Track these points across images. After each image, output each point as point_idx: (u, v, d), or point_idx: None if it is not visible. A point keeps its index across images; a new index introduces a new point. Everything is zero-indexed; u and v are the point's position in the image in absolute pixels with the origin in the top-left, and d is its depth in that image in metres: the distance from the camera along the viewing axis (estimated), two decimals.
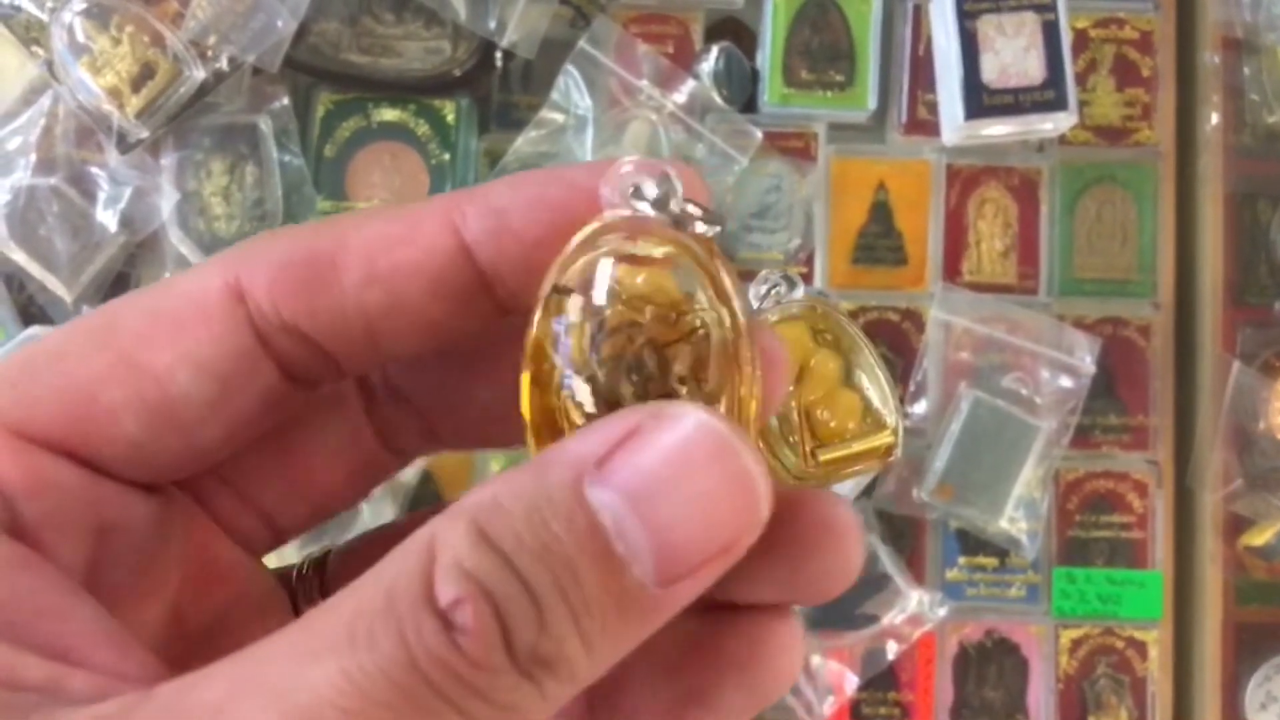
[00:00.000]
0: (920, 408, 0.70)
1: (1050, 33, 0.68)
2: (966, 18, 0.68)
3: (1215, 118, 0.71)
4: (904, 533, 0.70)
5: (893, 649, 0.69)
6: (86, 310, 0.69)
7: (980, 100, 0.68)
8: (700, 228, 0.21)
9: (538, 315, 0.21)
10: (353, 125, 0.71)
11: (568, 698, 0.18)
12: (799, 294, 0.34)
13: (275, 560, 0.26)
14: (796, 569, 0.21)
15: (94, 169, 0.68)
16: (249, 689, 0.17)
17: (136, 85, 0.66)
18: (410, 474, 0.67)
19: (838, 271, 0.72)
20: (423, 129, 0.71)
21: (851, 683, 0.68)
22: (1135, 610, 0.70)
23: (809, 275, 0.71)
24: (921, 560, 0.70)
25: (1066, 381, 0.69)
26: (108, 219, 0.68)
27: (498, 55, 0.71)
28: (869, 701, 0.69)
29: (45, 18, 0.67)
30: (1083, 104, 0.71)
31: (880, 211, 0.72)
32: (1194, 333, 0.72)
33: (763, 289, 0.34)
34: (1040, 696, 0.69)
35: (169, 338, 0.21)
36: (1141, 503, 0.70)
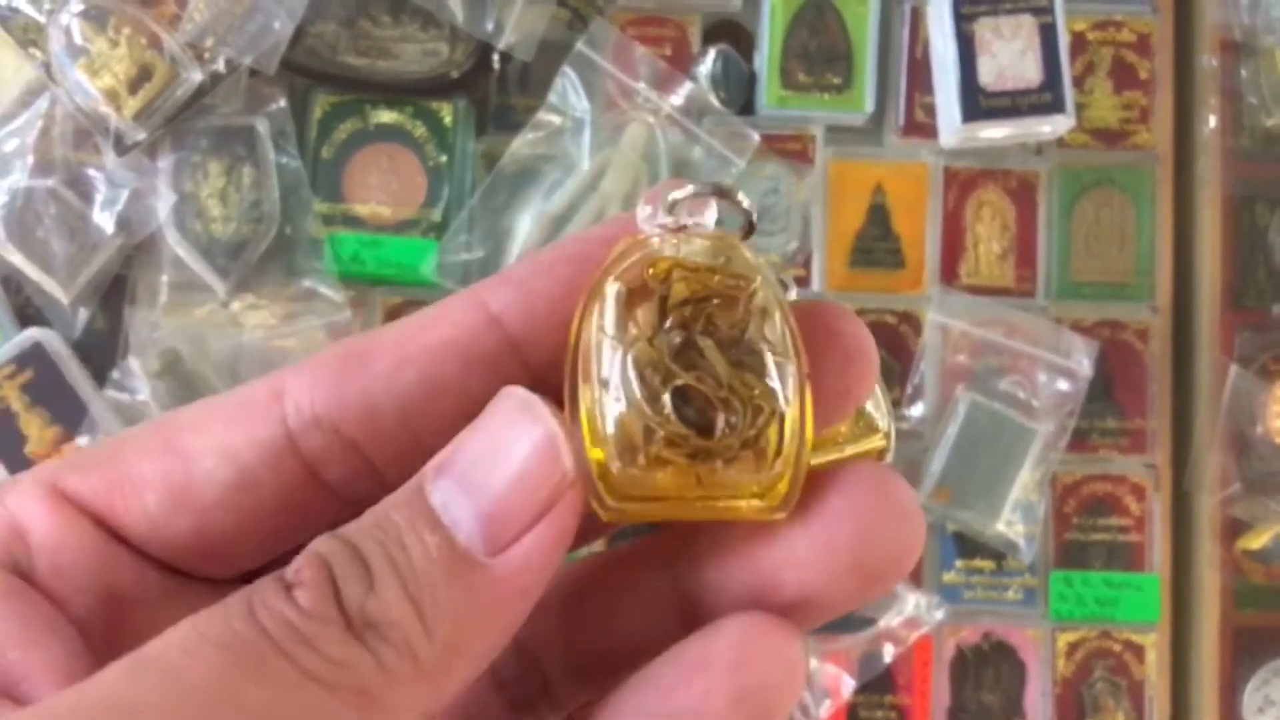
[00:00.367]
0: (918, 410, 0.70)
1: (1047, 35, 0.68)
2: (964, 20, 0.68)
3: (1213, 120, 0.71)
4: None
5: (890, 652, 0.69)
6: (83, 313, 0.69)
7: (977, 103, 0.68)
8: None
9: (580, 318, 0.21)
10: (350, 127, 0.71)
11: (416, 678, 0.19)
12: (792, 296, 0.34)
13: None
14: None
15: (91, 171, 0.68)
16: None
17: (134, 87, 0.66)
18: None
19: (835, 274, 0.71)
20: (420, 131, 0.71)
21: (848, 686, 0.68)
22: (1133, 613, 0.69)
23: (806, 278, 0.71)
24: (919, 563, 0.70)
25: (1064, 384, 0.69)
26: (105, 221, 0.68)
27: (495, 57, 0.71)
28: (866, 705, 0.69)
29: (43, 19, 0.67)
30: (1080, 107, 0.71)
31: (878, 214, 0.72)
32: (1192, 336, 0.71)
33: None
34: (1037, 700, 0.69)
35: (209, 426, 0.22)
36: (1139, 506, 0.70)
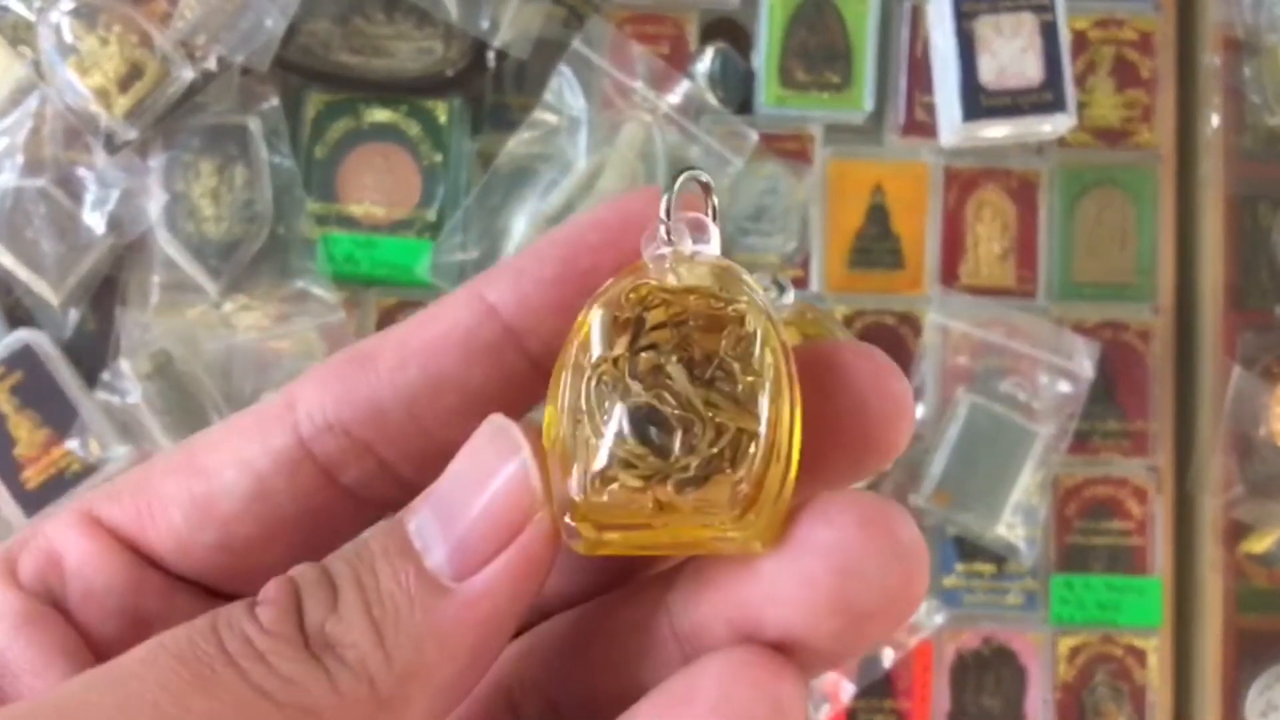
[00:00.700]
0: (917, 412, 0.69)
1: (1048, 34, 0.67)
2: (964, 18, 0.68)
3: (1216, 120, 0.71)
4: None
5: (889, 656, 0.68)
6: (73, 314, 0.68)
7: (978, 102, 0.67)
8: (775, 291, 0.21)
9: (568, 344, 0.20)
10: (344, 126, 0.70)
11: (372, 704, 0.18)
12: (789, 298, 0.33)
13: None
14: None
15: (81, 170, 0.68)
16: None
17: (124, 85, 0.66)
18: None
19: (834, 275, 0.71)
20: (415, 130, 0.70)
21: (848, 691, 0.68)
22: (1134, 617, 0.69)
23: (805, 278, 0.71)
24: None
25: (1065, 386, 0.69)
26: (95, 221, 0.67)
27: (490, 55, 0.70)
28: (865, 710, 0.69)
29: (33, 18, 0.66)
30: (1082, 106, 0.70)
31: (877, 214, 0.71)
32: (1194, 337, 0.71)
33: None
34: (1038, 705, 0.69)
35: (228, 441, 0.22)
36: (1141, 509, 0.70)
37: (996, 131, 0.68)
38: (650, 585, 0.22)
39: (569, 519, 0.20)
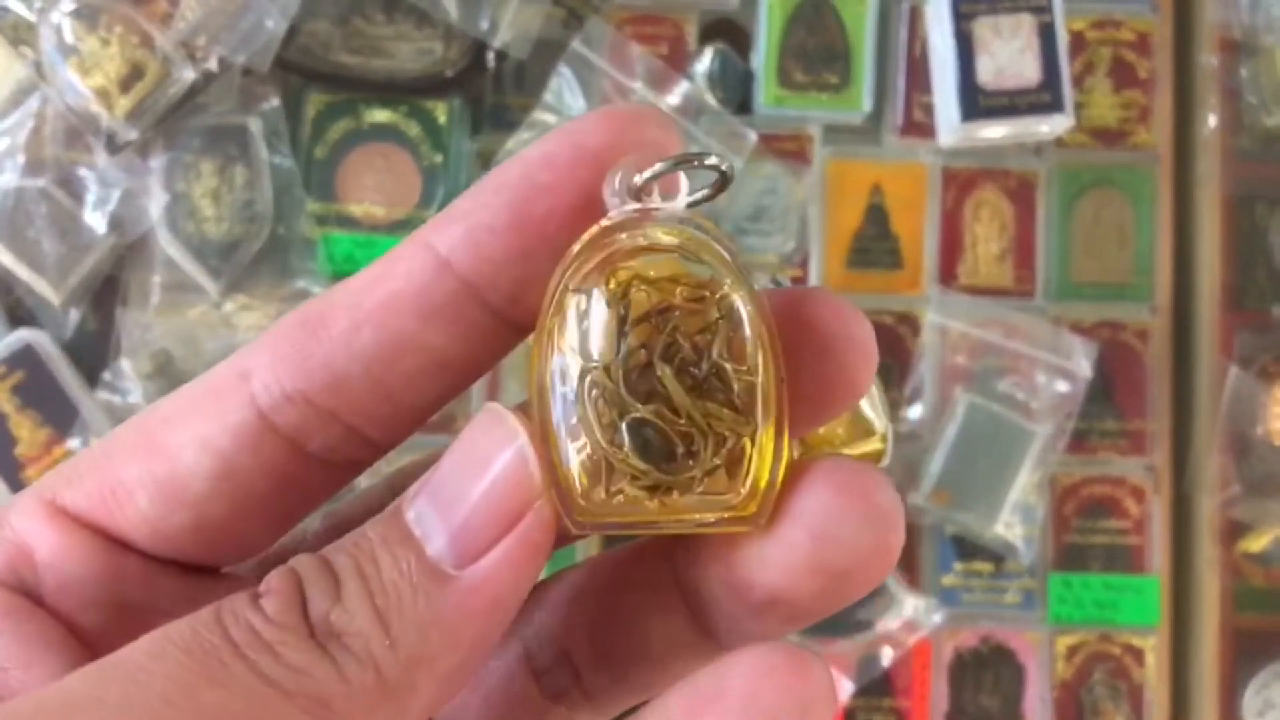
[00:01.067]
0: (916, 412, 0.69)
1: (1046, 34, 0.67)
2: (962, 19, 0.68)
3: (1213, 120, 0.71)
4: None
5: (888, 655, 0.68)
6: (74, 313, 0.68)
7: (976, 102, 0.68)
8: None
9: (543, 320, 0.20)
10: (344, 126, 0.70)
11: (378, 691, 0.18)
12: None
13: None
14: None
15: (83, 170, 0.68)
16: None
17: (125, 86, 0.66)
18: None
19: (833, 275, 0.71)
20: (414, 130, 0.70)
21: (846, 689, 0.68)
22: (1132, 616, 0.69)
23: (804, 278, 0.71)
24: (917, 566, 0.69)
25: (1063, 386, 0.69)
26: (96, 221, 0.67)
27: (490, 56, 0.71)
28: (864, 709, 0.69)
29: (34, 18, 0.66)
30: (1080, 106, 0.71)
31: (876, 214, 0.71)
32: (1191, 337, 0.71)
33: None
34: (1036, 703, 0.69)
35: (183, 417, 0.22)
36: (1139, 508, 0.70)
37: (994, 132, 0.69)
38: (655, 542, 0.23)
39: (566, 508, 0.20)
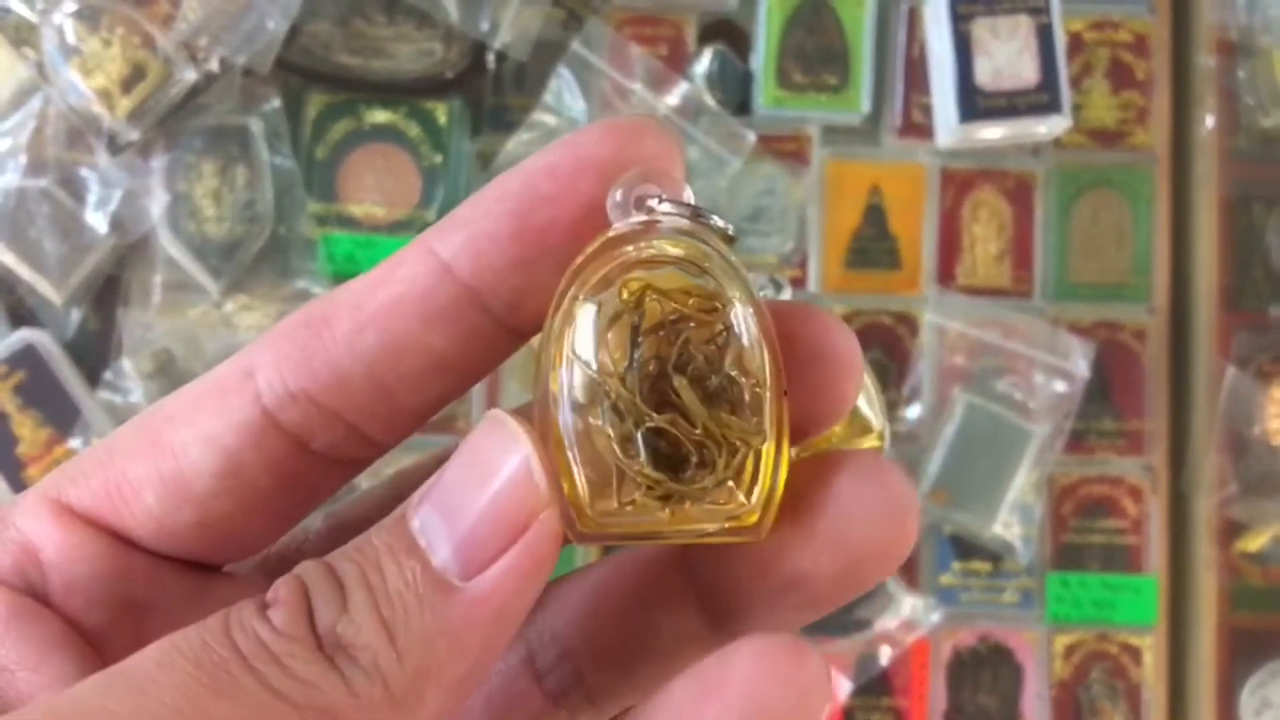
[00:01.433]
0: (914, 412, 0.70)
1: (1044, 36, 0.68)
2: (960, 20, 0.68)
3: (1210, 121, 0.71)
4: None
5: (886, 654, 0.68)
6: (76, 313, 0.68)
7: (974, 103, 0.68)
8: (717, 222, 0.21)
9: (551, 328, 0.20)
10: (344, 127, 0.71)
11: (387, 703, 0.18)
12: (786, 297, 0.34)
13: None
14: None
15: (84, 171, 0.68)
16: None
17: (127, 87, 0.66)
18: None
19: (831, 275, 0.71)
20: (414, 131, 0.71)
21: (845, 688, 0.68)
22: (1130, 616, 0.69)
23: (803, 278, 0.71)
24: (915, 565, 0.70)
25: (1061, 386, 0.69)
26: (98, 221, 0.68)
27: (490, 57, 0.71)
28: (863, 707, 0.69)
29: (36, 19, 0.66)
30: (1077, 107, 0.71)
31: (874, 214, 0.72)
32: (1189, 337, 0.71)
33: None
34: (1034, 702, 0.69)
35: (188, 415, 0.22)
36: (1136, 508, 0.70)
37: (993, 133, 0.69)
38: (657, 562, 0.23)
39: (572, 517, 0.20)
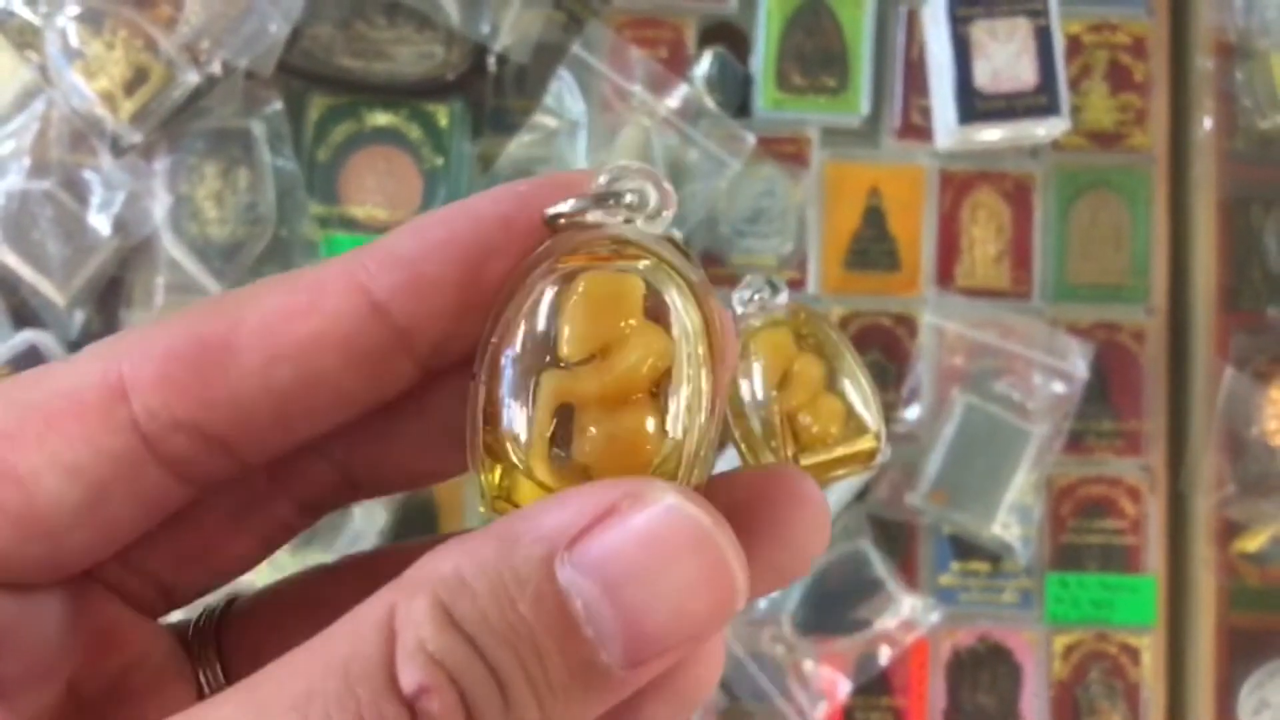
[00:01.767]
0: (913, 413, 0.70)
1: (1043, 38, 0.68)
2: (959, 23, 0.68)
3: (1208, 123, 0.71)
4: (897, 538, 0.70)
5: (885, 654, 0.69)
6: (79, 315, 0.69)
7: (973, 105, 0.68)
8: (663, 224, 0.21)
9: (486, 346, 0.20)
10: (346, 129, 0.71)
11: None
12: (783, 299, 0.34)
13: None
14: (780, 546, 0.21)
15: (87, 173, 0.68)
16: None
17: (129, 89, 0.66)
18: None
19: (831, 276, 0.71)
20: (416, 133, 0.71)
21: (844, 688, 0.68)
22: (1128, 616, 0.69)
23: (802, 280, 0.71)
24: (914, 565, 0.70)
25: (1059, 387, 0.69)
26: (101, 223, 0.68)
27: (491, 60, 0.71)
28: (862, 707, 0.69)
29: (39, 22, 0.67)
30: (1076, 109, 0.71)
31: (873, 216, 0.72)
32: (1187, 338, 0.71)
33: (747, 294, 0.34)
34: (1033, 702, 0.69)
35: (37, 437, 0.19)
36: (1135, 508, 0.70)
37: (991, 134, 0.69)
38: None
39: (485, 491, 0.20)
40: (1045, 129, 0.69)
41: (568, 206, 0.20)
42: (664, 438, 0.19)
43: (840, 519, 0.68)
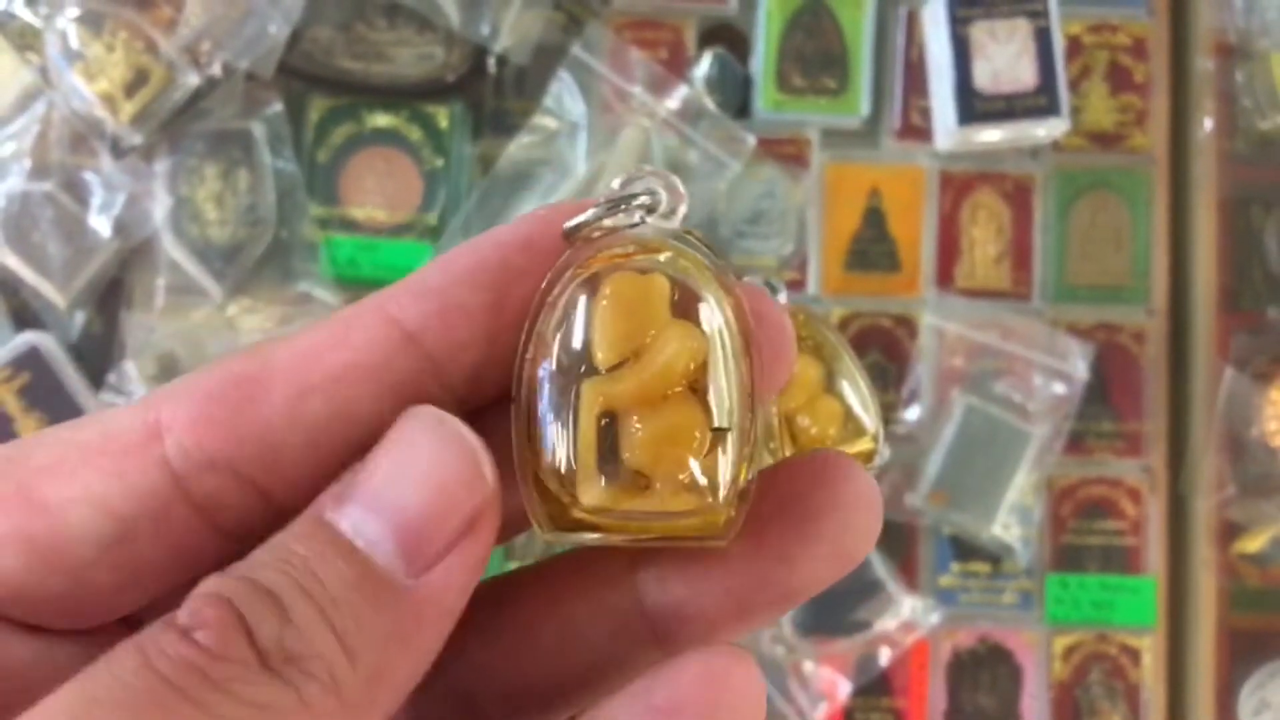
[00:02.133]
0: (913, 414, 0.70)
1: (1042, 39, 0.68)
2: (959, 24, 0.68)
3: (1209, 123, 0.71)
4: (897, 539, 0.70)
5: (886, 655, 0.69)
6: (79, 316, 0.69)
7: (973, 106, 0.68)
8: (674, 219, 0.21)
9: (522, 364, 0.20)
10: (346, 131, 0.71)
11: (340, 711, 0.17)
12: (782, 300, 0.34)
13: None
14: (830, 533, 0.21)
15: (87, 174, 0.68)
16: None
17: (130, 91, 0.66)
18: None
19: (831, 277, 0.72)
20: (416, 134, 0.71)
21: (844, 689, 0.68)
22: (1129, 617, 0.69)
23: (802, 281, 0.71)
24: (914, 566, 0.70)
25: (1060, 388, 0.69)
26: (101, 224, 0.68)
27: (491, 61, 0.71)
28: (862, 708, 0.69)
29: (39, 24, 0.67)
30: (1076, 110, 0.71)
31: (874, 217, 0.72)
32: (1188, 339, 0.71)
33: None
34: (1033, 703, 0.69)
35: (71, 471, 0.19)
36: (1135, 509, 0.70)
37: (991, 135, 0.69)
38: (600, 561, 0.22)
39: (540, 515, 0.20)
40: (1045, 130, 0.69)
41: (584, 216, 0.20)
42: (709, 427, 0.19)
43: None
